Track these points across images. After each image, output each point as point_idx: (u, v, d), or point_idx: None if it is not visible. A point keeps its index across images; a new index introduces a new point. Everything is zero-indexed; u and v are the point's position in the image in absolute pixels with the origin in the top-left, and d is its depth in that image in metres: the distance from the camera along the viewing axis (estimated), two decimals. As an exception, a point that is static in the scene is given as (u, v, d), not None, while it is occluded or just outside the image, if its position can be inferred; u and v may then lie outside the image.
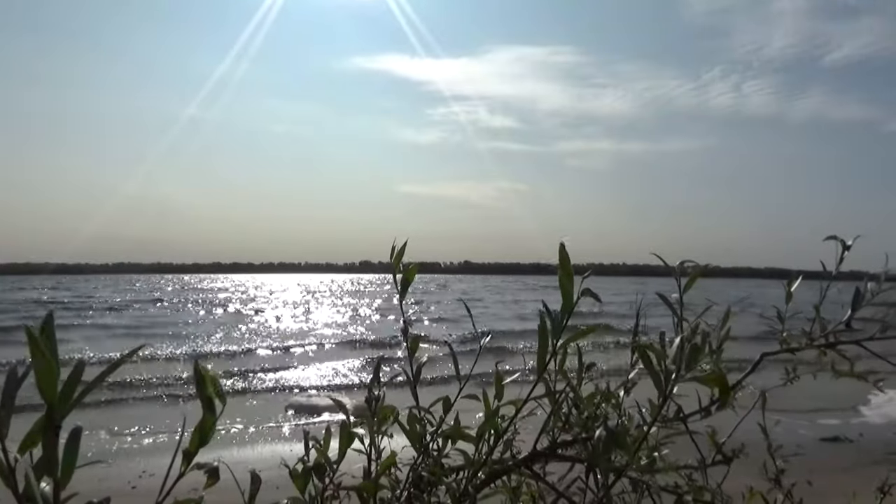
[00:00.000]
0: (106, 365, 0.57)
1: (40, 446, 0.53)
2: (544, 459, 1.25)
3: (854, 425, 8.85)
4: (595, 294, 1.06)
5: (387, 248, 1.31)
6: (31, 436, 0.52)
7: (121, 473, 6.60)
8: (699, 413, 1.08)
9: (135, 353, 0.57)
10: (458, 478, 1.21)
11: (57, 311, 11.33)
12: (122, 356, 0.56)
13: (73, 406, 0.53)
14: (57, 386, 0.52)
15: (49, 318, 0.53)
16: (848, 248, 1.01)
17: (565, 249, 1.02)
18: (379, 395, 1.21)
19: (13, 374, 0.52)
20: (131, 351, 0.57)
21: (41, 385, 0.51)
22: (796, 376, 1.20)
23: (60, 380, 0.52)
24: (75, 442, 0.55)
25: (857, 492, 2.04)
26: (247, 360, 16.61)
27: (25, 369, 0.52)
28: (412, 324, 1.39)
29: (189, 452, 0.67)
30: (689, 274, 1.13)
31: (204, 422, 0.67)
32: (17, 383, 0.52)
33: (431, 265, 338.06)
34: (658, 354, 1.05)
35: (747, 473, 1.28)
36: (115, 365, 0.55)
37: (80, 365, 0.54)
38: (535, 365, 1.12)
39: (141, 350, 0.63)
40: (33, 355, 0.50)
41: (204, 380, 0.67)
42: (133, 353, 0.58)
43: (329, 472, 1.03)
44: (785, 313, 1.11)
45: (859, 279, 1.04)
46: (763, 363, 1.17)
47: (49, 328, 0.53)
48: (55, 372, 0.51)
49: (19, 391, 0.55)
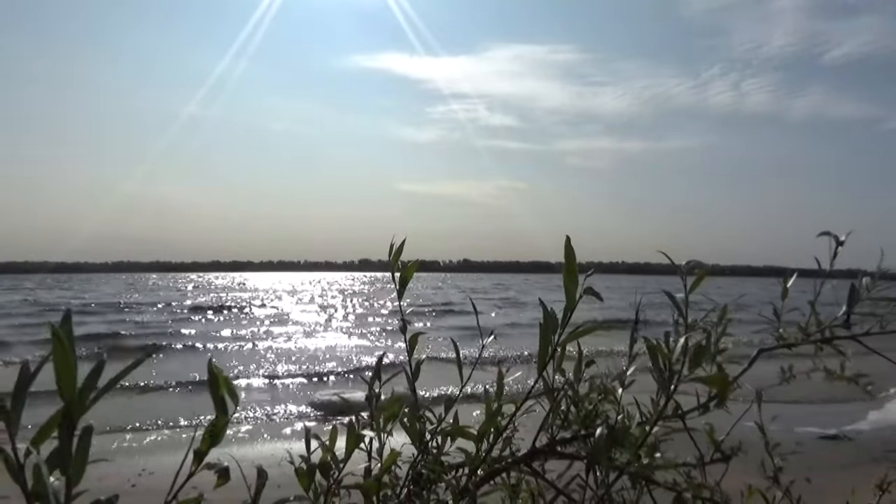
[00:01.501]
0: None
1: (46, 442, 0.54)
2: (544, 457, 1.26)
3: (853, 423, 8.87)
4: (597, 293, 1.06)
5: (386, 247, 1.31)
6: (44, 431, 0.53)
7: (120, 471, 6.60)
8: (697, 410, 1.09)
9: (149, 357, 0.57)
10: (458, 475, 1.21)
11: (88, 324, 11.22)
12: (138, 359, 0.57)
13: (92, 404, 0.53)
14: (76, 384, 0.52)
15: (67, 316, 0.54)
16: (841, 244, 1.01)
17: (571, 245, 1.01)
18: (380, 392, 1.21)
19: (25, 370, 0.52)
20: (145, 354, 0.58)
21: (60, 382, 0.52)
22: (793, 375, 1.21)
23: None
24: (87, 439, 0.55)
25: (856, 489, 2.05)
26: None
27: (37, 365, 0.52)
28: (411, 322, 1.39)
29: (200, 452, 0.67)
30: (695, 273, 1.14)
31: (216, 422, 0.67)
32: (28, 380, 0.53)
33: (431, 264, 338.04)
34: (662, 355, 1.05)
35: (746, 471, 1.29)
36: (131, 366, 0.55)
37: (100, 364, 0.55)
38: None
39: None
40: (55, 352, 0.51)
41: (217, 380, 0.67)
42: (146, 357, 0.58)
43: (335, 470, 1.04)
44: (781, 310, 1.11)
45: (857, 276, 1.04)
46: (761, 361, 1.17)
47: (68, 326, 0.53)
48: (74, 370, 0.52)
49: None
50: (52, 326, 0.51)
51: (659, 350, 1.05)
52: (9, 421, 0.52)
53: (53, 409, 0.54)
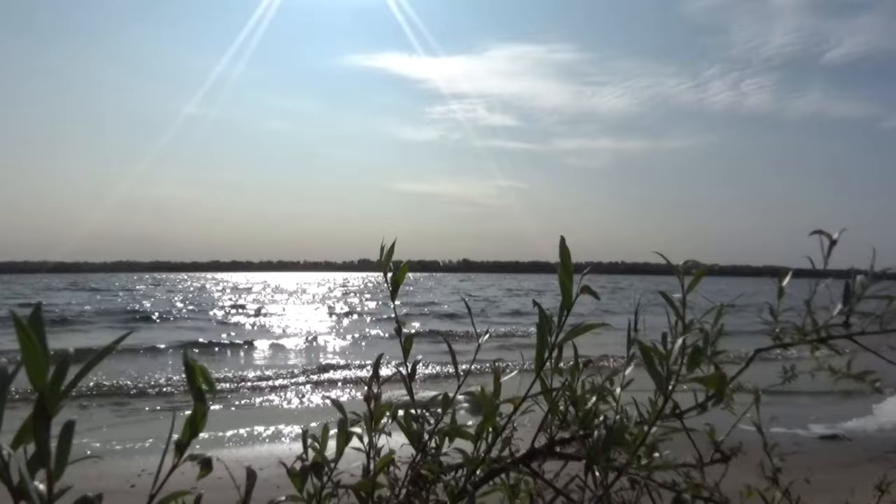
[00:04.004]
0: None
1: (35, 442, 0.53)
2: (542, 457, 1.25)
3: (853, 423, 8.87)
4: (594, 291, 1.06)
5: (385, 247, 1.30)
6: (25, 429, 0.52)
7: (120, 472, 6.59)
8: (695, 409, 1.09)
9: (121, 342, 0.56)
10: (457, 475, 1.21)
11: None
12: (111, 344, 0.56)
13: (65, 395, 0.53)
14: (47, 374, 0.52)
15: (38, 308, 0.54)
16: (834, 243, 1.01)
17: (566, 245, 1.02)
18: (379, 392, 1.21)
19: (3, 369, 0.52)
20: (119, 338, 0.57)
21: (30, 373, 0.51)
22: (794, 374, 1.20)
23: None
24: (69, 433, 0.55)
25: (855, 489, 2.05)
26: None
27: (17, 364, 0.52)
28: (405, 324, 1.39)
29: (181, 444, 0.67)
30: (692, 273, 1.13)
31: (195, 412, 0.68)
32: (7, 378, 0.52)
33: (430, 263, 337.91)
34: (660, 356, 1.05)
35: (745, 472, 1.28)
36: (104, 352, 0.55)
37: (67, 353, 0.55)
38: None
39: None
40: (21, 342, 0.50)
41: (194, 371, 0.68)
42: (120, 340, 0.57)
43: (328, 470, 1.04)
44: (777, 309, 1.11)
45: (860, 275, 1.03)
46: (761, 361, 1.17)
47: (38, 316, 0.53)
48: (44, 359, 0.51)
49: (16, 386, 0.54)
50: (14, 315, 0.50)
51: (655, 352, 1.05)
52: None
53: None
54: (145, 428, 9.23)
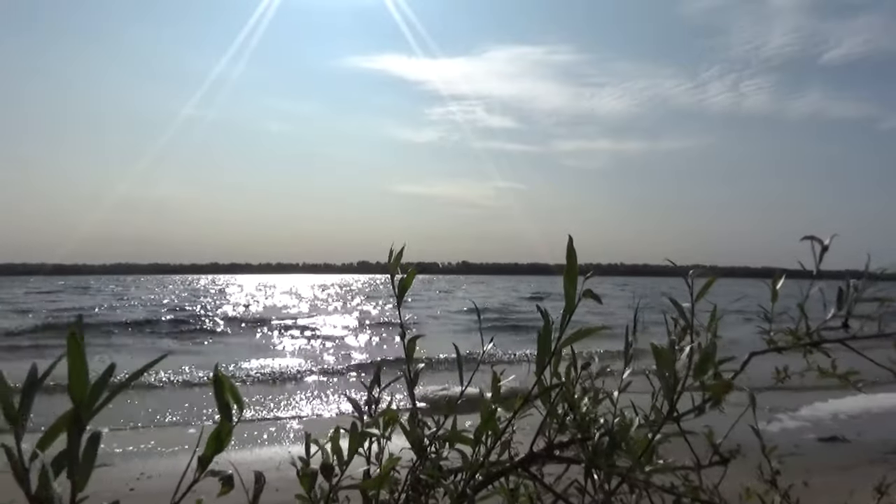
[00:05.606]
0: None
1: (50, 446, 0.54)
2: (542, 461, 1.26)
3: (852, 425, 8.86)
4: (596, 295, 1.06)
5: (384, 249, 1.28)
6: (51, 433, 0.53)
7: (119, 475, 6.58)
8: (693, 412, 1.09)
9: (159, 361, 0.58)
10: (456, 479, 1.21)
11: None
12: (148, 364, 0.57)
13: (101, 408, 0.54)
14: (87, 386, 0.53)
15: (79, 321, 0.54)
16: (826, 249, 1.02)
17: (573, 245, 0.99)
18: (379, 398, 1.22)
19: (33, 372, 0.53)
20: (157, 358, 0.59)
21: (72, 384, 0.52)
22: (787, 376, 1.21)
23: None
24: (95, 444, 0.56)
25: (854, 491, 2.05)
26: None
27: (46, 370, 0.53)
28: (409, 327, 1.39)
29: (205, 458, 0.67)
30: (700, 275, 1.14)
31: (221, 428, 0.67)
32: (36, 385, 0.53)
33: (430, 265, 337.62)
34: (667, 362, 1.05)
35: (744, 474, 1.29)
36: (141, 370, 0.56)
37: (112, 365, 0.56)
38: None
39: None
40: (70, 353, 0.51)
41: (222, 385, 0.66)
42: (158, 360, 0.59)
43: (338, 472, 1.04)
44: (772, 312, 1.11)
45: (859, 277, 1.04)
46: (758, 364, 1.18)
47: (79, 329, 0.54)
48: (86, 373, 0.52)
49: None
50: (70, 329, 0.52)
51: (665, 355, 1.05)
52: (16, 422, 0.52)
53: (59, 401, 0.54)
54: (145, 431, 9.21)
